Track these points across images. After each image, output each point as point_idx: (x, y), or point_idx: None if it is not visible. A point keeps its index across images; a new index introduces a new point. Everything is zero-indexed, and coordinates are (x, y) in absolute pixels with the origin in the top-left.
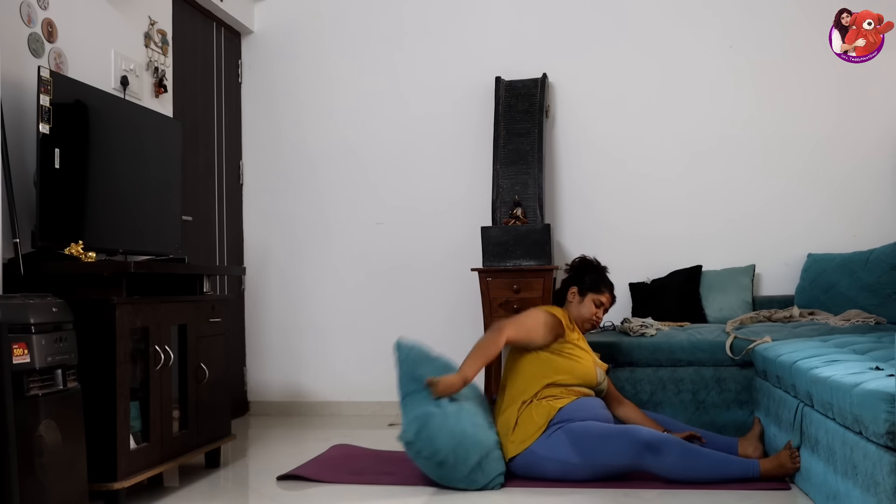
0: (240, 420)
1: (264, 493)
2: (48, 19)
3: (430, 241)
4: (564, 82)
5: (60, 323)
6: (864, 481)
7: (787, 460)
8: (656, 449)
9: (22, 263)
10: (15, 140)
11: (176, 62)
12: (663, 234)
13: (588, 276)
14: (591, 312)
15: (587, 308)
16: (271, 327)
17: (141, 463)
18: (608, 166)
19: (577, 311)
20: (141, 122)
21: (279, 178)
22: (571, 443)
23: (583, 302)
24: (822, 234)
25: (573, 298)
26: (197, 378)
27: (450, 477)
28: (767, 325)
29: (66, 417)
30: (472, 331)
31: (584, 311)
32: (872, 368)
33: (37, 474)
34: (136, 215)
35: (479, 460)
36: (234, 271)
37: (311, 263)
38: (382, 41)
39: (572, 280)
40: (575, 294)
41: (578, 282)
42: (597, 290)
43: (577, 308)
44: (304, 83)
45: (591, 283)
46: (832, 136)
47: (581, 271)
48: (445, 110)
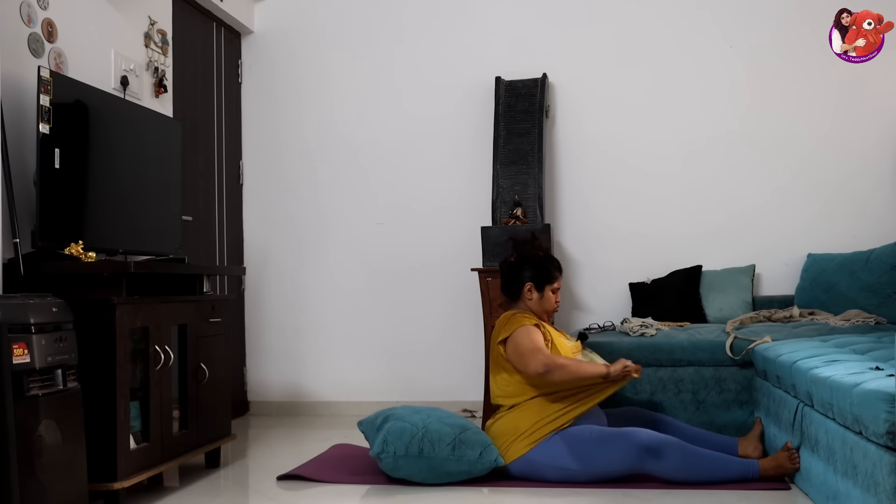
0: (240, 420)
1: (264, 493)
2: (48, 19)
3: (429, 241)
4: (564, 82)
5: (60, 323)
6: (864, 481)
7: (785, 461)
8: (656, 452)
9: (22, 263)
10: (15, 140)
11: (176, 62)
12: (663, 233)
13: (539, 268)
14: (552, 303)
15: (548, 301)
16: (271, 327)
17: (141, 463)
18: (608, 166)
19: (539, 305)
20: (141, 122)
21: (279, 178)
22: (569, 448)
23: (543, 296)
24: (822, 234)
25: (532, 295)
26: (197, 378)
27: (439, 467)
28: (767, 325)
29: (66, 417)
30: (472, 331)
31: (547, 305)
32: (872, 368)
33: (37, 474)
34: (136, 215)
35: (456, 435)
36: (234, 271)
37: (312, 263)
38: (383, 41)
39: (524, 278)
40: (532, 290)
41: (532, 278)
42: (552, 279)
43: (538, 304)
44: (304, 83)
45: (545, 275)
46: (832, 135)
47: (533, 266)
48: (445, 110)
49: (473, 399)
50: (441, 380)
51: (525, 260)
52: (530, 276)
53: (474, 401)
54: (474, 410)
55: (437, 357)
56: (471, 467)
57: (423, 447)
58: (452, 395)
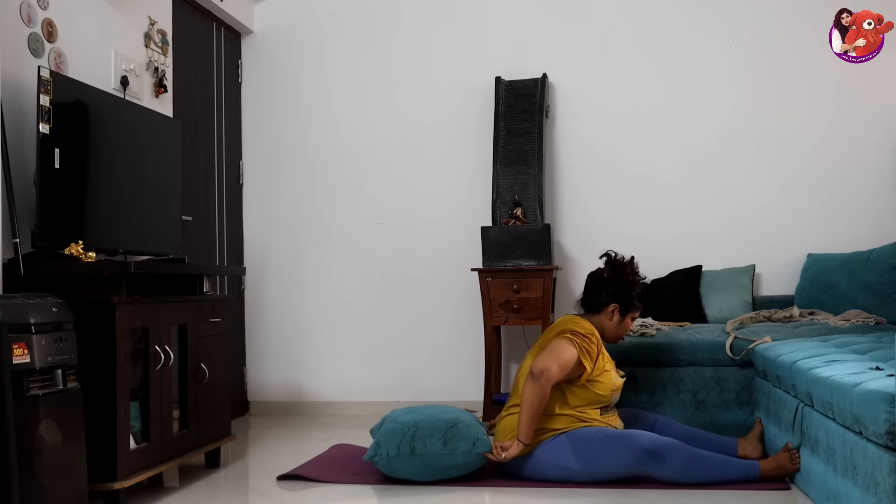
0: (240, 420)
1: (264, 493)
2: (48, 19)
3: (429, 241)
4: (564, 82)
5: (60, 323)
6: (864, 481)
7: (786, 461)
8: (658, 456)
9: (22, 263)
10: (15, 140)
11: (176, 62)
12: (663, 234)
13: (632, 294)
14: (628, 329)
15: (625, 327)
16: (271, 327)
17: (141, 463)
18: (608, 166)
19: (614, 329)
20: (141, 122)
21: (279, 179)
22: (573, 448)
23: (622, 321)
24: (822, 234)
25: (613, 317)
26: (197, 378)
27: (433, 463)
28: (767, 325)
29: (66, 417)
30: (472, 331)
31: (622, 331)
32: (872, 368)
33: (37, 474)
34: (136, 215)
35: (447, 429)
36: (234, 271)
37: (311, 263)
38: (382, 41)
39: (615, 296)
40: (616, 312)
41: (621, 301)
42: (637, 309)
43: (614, 327)
44: (304, 83)
45: (634, 304)
46: (832, 135)
47: (627, 289)
48: (445, 110)
49: (473, 399)
50: (441, 380)
51: (621, 282)
52: (620, 299)
53: (474, 401)
54: (474, 410)
55: (438, 357)
56: (465, 459)
57: (415, 445)
58: (452, 395)
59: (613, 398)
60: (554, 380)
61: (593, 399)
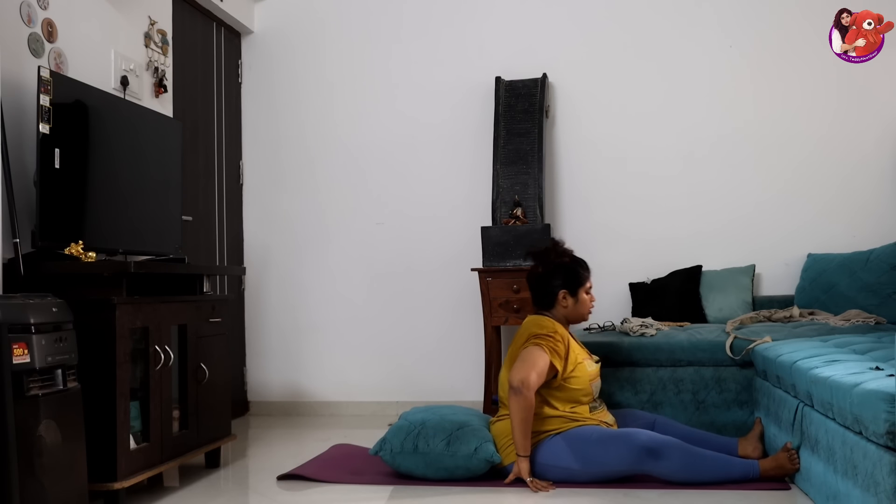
0: (240, 420)
1: (264, 493)
2: (48, 19)
3: (429, 241)
4: (564, 82)
5: (60, 323)
6: (864, 481)
7: (785, 461)
8: (657, 454)
9: (22, 263)
10: (15, 140)
11: (176, 62)
12: (663, 234)
13: (569, 274)
14: (588, 304)
15: (583, 304)
16: (271, 327)
17: (141, 463)
18: (608, 166)
19: (576, 310)
20: (141, 122)
21: (279, 178)
22: (570, 449)
23: (577, 300)
24: (822, 234)
25: (567, 302)
26: (197, 378)
27: (435, 463)
28: (767, 325)
29: (66, 417)
30: (472, 331)
31: (582, 308)
32: (872, 368)
33: (37, 474)
34: (136, 215)
35: (452, 431)
36: (234, 271)
37: (311, 263)
38: (382, 41)
39: (560, 284)
40: (566, 297)
41: (567, 283)
42: (584, 281)
43: (574, 308)
44: (304, 83)
45: (577, 279)
46: (832, 135)
47: (565, 270)
48: (445, 110)
49: (473, 399)
50: (441, 380)
51: (553, 268)
52: (562, 283)
53: (474, 401)
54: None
55: (438, 357)
56: (467, 462)
57: (418, 443)
58: (453, 395)
59: (594, 387)
60: (535, 387)
61: (575, 397)
